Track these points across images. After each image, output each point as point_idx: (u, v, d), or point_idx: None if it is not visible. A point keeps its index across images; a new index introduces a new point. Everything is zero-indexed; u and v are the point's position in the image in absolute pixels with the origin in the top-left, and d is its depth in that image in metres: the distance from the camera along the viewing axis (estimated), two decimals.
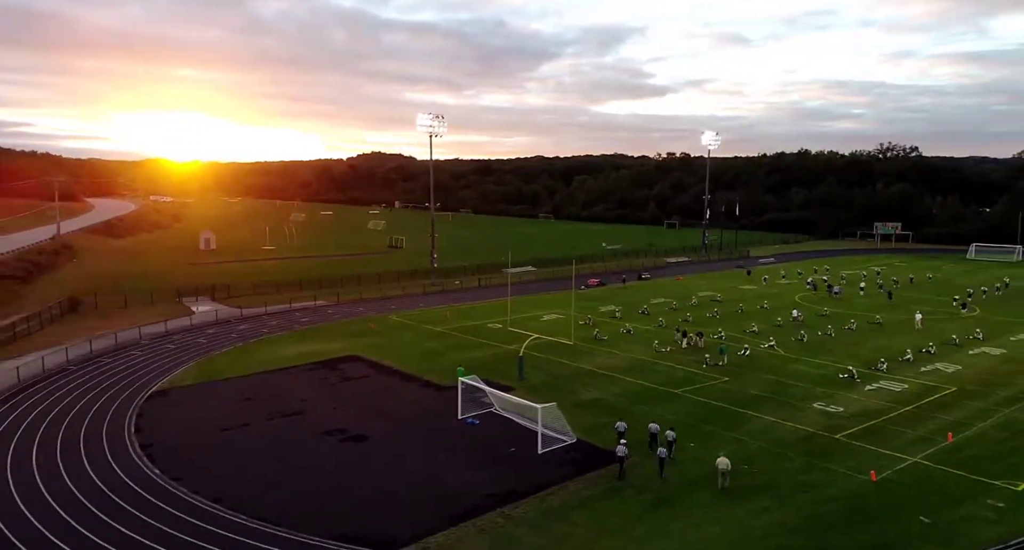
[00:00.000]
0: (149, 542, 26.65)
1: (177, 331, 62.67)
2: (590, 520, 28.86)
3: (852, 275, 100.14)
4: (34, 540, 26.83)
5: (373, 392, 46.35)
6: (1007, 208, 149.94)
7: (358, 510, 29.91)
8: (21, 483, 31.94)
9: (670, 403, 43.25)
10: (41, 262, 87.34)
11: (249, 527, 28.08)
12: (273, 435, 38.53)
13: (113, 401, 43.90)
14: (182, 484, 31.99)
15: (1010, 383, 48.13)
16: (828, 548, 26.61)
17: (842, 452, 35.90)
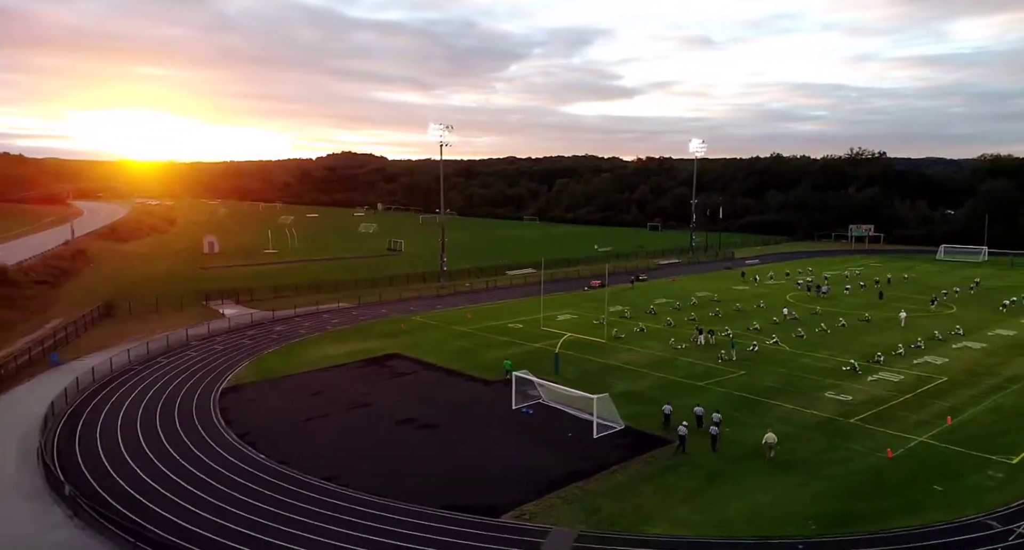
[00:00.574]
0: (292, 516, 30.69)
1: (219, 333, 66.03)
2: (656, 492, 33.57)
3: (835, 276, 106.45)
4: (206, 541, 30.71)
5: (426, 386, 50.56)
6: (972, 211, 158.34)
7: (453, 485, 34.28)
8: (149, 478, 35.66)
9: (698, 394, 48.06)
10: (65, 267, 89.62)
11: (365, 500, 32.27)
12: (353, 424, 42.66)
13: (191, 397, 47.51)
14: (290, 466, 36.01)
15: (993, 373, 53.99)
16: (859, 512, 31.58)
17: (858, 434, 41.11)
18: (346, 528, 29.68)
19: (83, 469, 35.55)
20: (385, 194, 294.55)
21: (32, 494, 32.81)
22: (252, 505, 31.67)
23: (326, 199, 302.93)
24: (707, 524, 30.57)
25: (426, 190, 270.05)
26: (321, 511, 31.12)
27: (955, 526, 30.09)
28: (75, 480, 33.75)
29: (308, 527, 29.63)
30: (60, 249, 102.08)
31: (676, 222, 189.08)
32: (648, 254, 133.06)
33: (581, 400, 42.98)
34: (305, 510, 31.22)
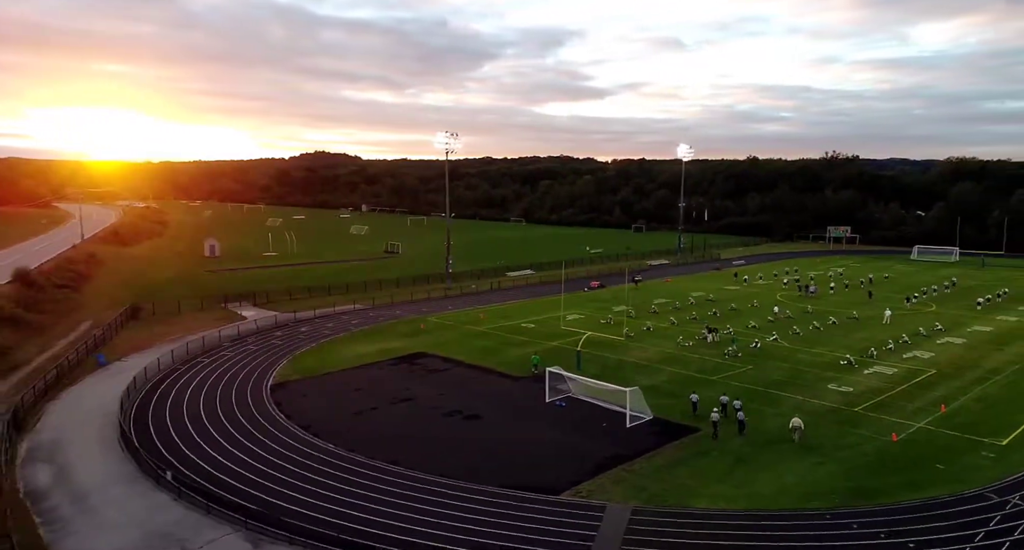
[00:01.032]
0: (372, 495, 34.15)
1: (248, 334, 68.83)
2: (693, 473, 37.59)
3: (819, 276, 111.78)
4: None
5: (460, 382, 54.12)
6: (943, 213, 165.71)
7: (509, 468, 37.96)
8: (229, 464, 38.82)
9: (713, 387, 52.17)
10: (82, 271, 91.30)
11: (433, 481, 35.86)
12: (403, 415, 46.14)
13: (244, 393, 50.56)
14: (357, 454, 39.42)
15: (976, 366, 59.01)
16: (873, 488, 35.85)
17: (863, 421, 45.57)
18: (423, 504, 33.27)
19: (169, 458, 38.52)
20: (369, 195, 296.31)
21: (130, 480, 35.84)
22: (336, 487, 35.07)
23: (308, 201, 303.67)
24: (742, 498, 34.63)
25: (411, 191, 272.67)
26: (396, 490, 34.66)
27: (958, 498, 34.47)
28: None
29: (389, 504, 33.16)
30: (72, 253, 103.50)
31: (658, 223, 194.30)
32: (637, 255, 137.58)
33: (612, 393, 46.90)
34: (382, 490, 34.75)
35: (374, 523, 31.41)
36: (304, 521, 31.12)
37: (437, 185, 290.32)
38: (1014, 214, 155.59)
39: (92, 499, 33.66)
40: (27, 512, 31.00)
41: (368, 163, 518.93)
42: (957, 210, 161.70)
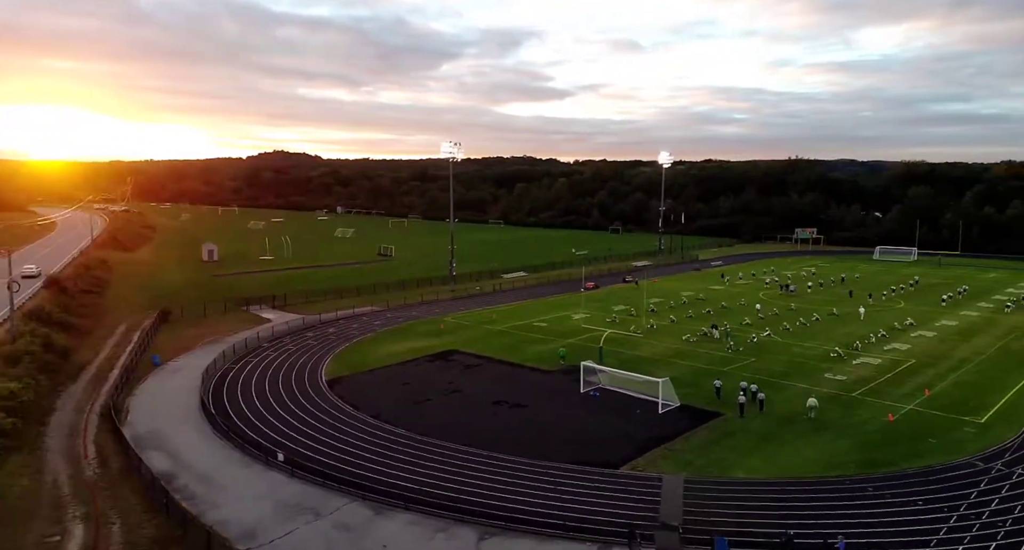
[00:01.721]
0: (461, 471, 39.33)
1: (281, 335, 72.96)
2: (726, 449, 43.59)
3: (795, 275, 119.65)
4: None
5: (497, 376, 59.43)
6: (901, 215, 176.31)
7: (567, 447, 43.46)
8: (320, 451, 43.55)
9: (725, 378, 58.35)
10: (99, 276, 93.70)
11: (509, 459, 41.17)
12: (457, 405, 51.33)
13: (304, 388, 55.10)
14: (430, 438, 44.52)
15: (949, 356, 66.48)
16: (880, 459, 42.25)
17: (860, 404, 52.23)
18: (509, 479, 38.62)
19: (264, 446, 43.09)
20: (344, 197, 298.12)
21: (242, 463, 40.46)
22: (424, 466, 40.18)
23: (281, 202, 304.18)
24: (773, 469, 40.72)
25: (389, 194, 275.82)
26: (480, 468, 39.95)
27: (951, 466, 41.11)
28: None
29: (478, 479, 38.42)
30: (83, 259, 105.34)
31: (635, 225, 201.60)
32: (620, 257, 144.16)
33: (642, 383, 52.74)
34: (468, 467, 40.02)
35: (470, 495, 36.57)
36: (394, 496, 36.22)
37: (410, 187, 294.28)
38: (964, 216, 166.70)
39: (217, 479, 38.20)
40: (165, 491, 35.38)
41: (340, 164, 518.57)
42: (913, 212, 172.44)
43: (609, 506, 35.68)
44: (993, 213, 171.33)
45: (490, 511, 34.80)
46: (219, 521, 33.00)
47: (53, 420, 46.17)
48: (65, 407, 48.95)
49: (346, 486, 37.06)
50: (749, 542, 31.71)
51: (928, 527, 33.55)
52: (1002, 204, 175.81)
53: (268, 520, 33.84)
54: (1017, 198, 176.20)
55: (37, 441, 42.10)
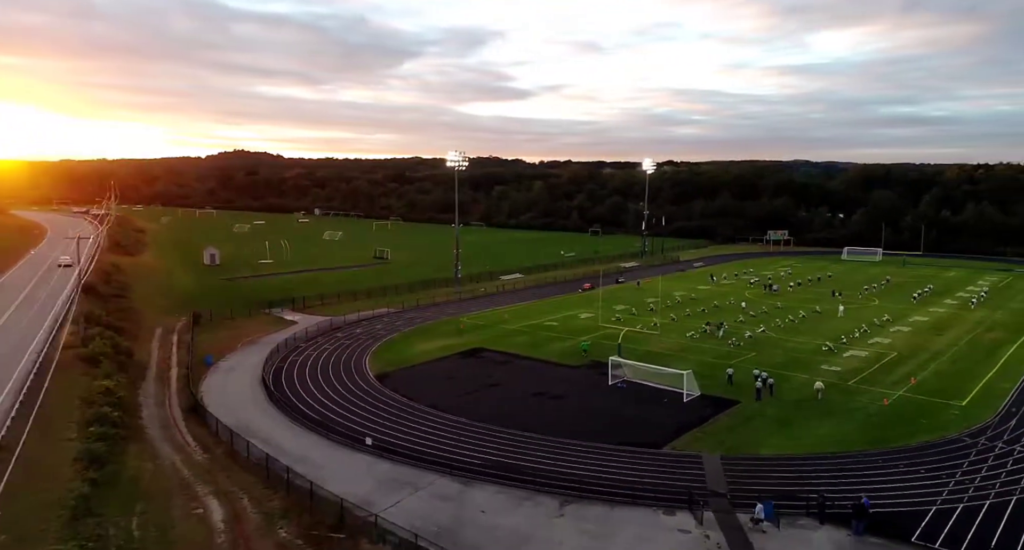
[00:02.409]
0: (529, 450, 44.76)
1: (314, 336, 77.22)
2: (750, 431, 49.79)
3: (774, 275, 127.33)
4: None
5: (529, 370, 64.90)
6: (866, 217, 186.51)
7: (610, 430, 49.20)
8: (401, 437, 48.58)
9: (733, 369, 64.71)
10: (123, 281, 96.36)
11: (564, 441, 46.72)
12: (501, 396, 56.75)
13: (356, 382, 59.92)
14: (488, 423, 49.88)
15: (926, 348, 73.97)
16: (883, 436, 48.75)
17: (857, 392, 59.02)
18: (569, 455, 44.22)
19: (346, 432, 47.96)
20: (321, 199, 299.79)
21: (330, 447, 45.36)
22: (495, 447, 45.55)
23: (257, 205, 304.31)
24: (796, 446, 47.02)
25: (368, 196, 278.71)
26: (542, 448, 45.47)
27: (943, 441, 47.90)
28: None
29: (542, 456, 43.93)
30: (101, 263, 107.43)
31: (613, 227, 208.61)
32: (606, 258, 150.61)
33: (664, 375, 58.70)
34: (530, 448, 45.51)
35: (541, 471, 42.04)
36: (476, 471, 41.61)
37: (388, 189, 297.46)
38: (923, 219, 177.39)
39: (312, 460, 43.02)
40: (286, 468, 40.07)
41: (311, 165, 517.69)
42: (877, 215, 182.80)
43: (662, 478, 41.53)
44: (949, 216, 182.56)
45: (563, 483, 40.34)
46: (334, 494, 37.89)
47: (144, 413, 50.30)
48: (147, 402, 53.04)
49: (432, 464, 42.27)
50: (788, 504, 37.78)
51: (933, 489, 40.10)
52: (957, 207, 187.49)
53: (375, 493, 38.88)
54: (971, 202, 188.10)
55: (141, 432, 46.31)
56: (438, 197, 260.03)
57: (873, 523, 35.58)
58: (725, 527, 36.07)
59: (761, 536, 35.18)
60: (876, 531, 35.24)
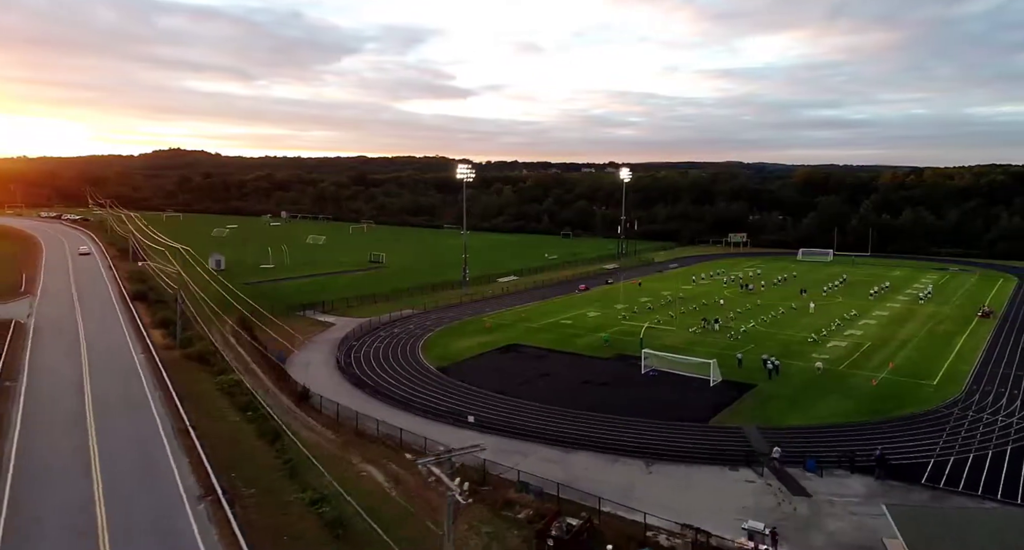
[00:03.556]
0: (595, 426, 54.25)
1: (360, 335, 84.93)
2: (772, 409, 60.39)
3: (745, 275, 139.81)
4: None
5: (568, 363, 74.27)
6: (815, 221, 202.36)
7: (659, 410, 59.07)
8: (496, 417, 57.40)
9: (742, 355, 75.39)
10: (157, 286, 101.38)
11: (620, 417, 56.36)
12: (554, 384, 65.99)
13: (423, 375, 68.20)
14: (555, 405, 59.14)
15: (893, 338, 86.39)
16: (877, 409, 59.98)
17: (848, 375, 70.43)
18: (634, 429, 53.87)
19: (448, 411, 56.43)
20: (286, 202, 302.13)
21: (435, 426, 53.79)
22: (572, 424, 54.86)
23: (220, 207, 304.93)
24: (810, 419, 57.77)
25: (335, 199, 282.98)
26: (610, 423, 55.00)
27: (927, 412, 59.45)
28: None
29: (616, 431, 53.47)
30: (124, 271, 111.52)
31: (582, 230, 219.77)
32: (586, 261, 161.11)
33: (689, 364, 68.91)
34: (603, 426, 54.99)
35: (619, 441, 51.57)
36: (570, 443, 50.97)
37: (354, 191, 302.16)
38: (866, 222, 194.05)
39: (430, 435, 51.34)
40: (424, 438, 48.45)
41: (271, 166, 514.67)
42: (826, 218, 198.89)
43: (716, 444, 51.63)
44: (889, 220, 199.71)
45: (640, 450, 49.97)
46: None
47: (264, 402, 57.75)
48: (259, 393, 60.37)
49: (530, 437, 51.38)
50: (826, 459, 48.28)
51: (927, 447, 51.29)
52: (895, 212, 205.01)
53: (494, 458, 47.68)
54: (907, 206, 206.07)
55: (271, 417, 53.87)
56: (408, 200, 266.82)
57: (890, 472, 46.38)
58: (780, 477, 46.35)
59: (809, 483, 45.57)
60: (893, 477, 46.04)
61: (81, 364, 66.84)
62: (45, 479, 42.34)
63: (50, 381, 61.80)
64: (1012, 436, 53.54)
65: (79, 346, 74.13)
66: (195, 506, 38.46)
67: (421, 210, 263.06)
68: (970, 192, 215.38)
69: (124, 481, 41.78)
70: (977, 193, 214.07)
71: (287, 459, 42.89)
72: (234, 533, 34.83)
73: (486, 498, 42.72)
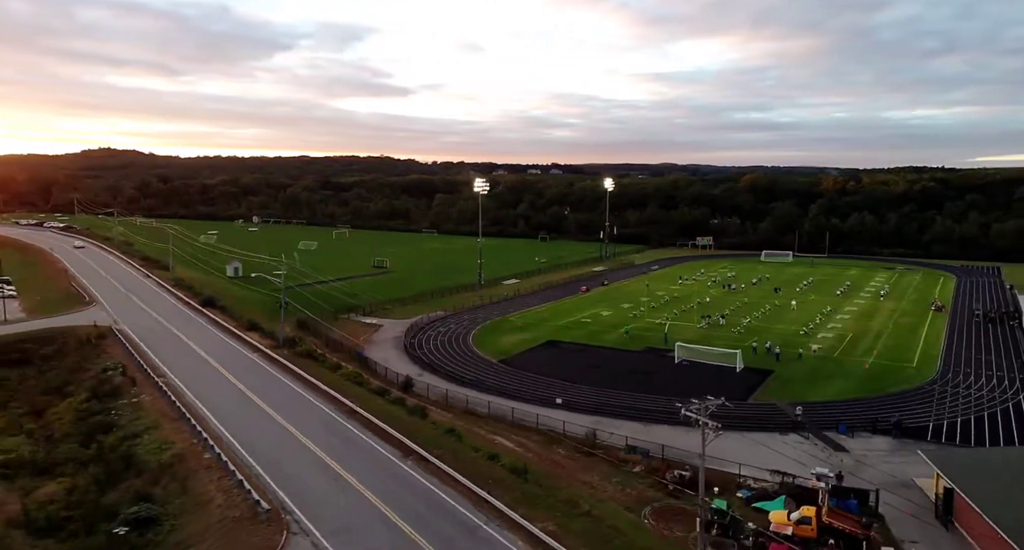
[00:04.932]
0: (657, 399, 66.24)
1: (413, 333, 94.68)
2: (793, 388, 73.36)
3: (722, 277, 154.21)
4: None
5: (608, 355, 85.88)
6: (772, 225, 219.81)
7: (703, 390, 71.16)
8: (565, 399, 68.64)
9: (748, 351, 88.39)
10: (210, 295, 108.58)
11: (671, 397, 68.36)
12: (607, 374, 77.44)
13: (489, 367, 78.75)
14: (618, 390, 70.72)
15: (869, 330, 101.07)
16: (876, 388, 73.63)
17: (844, 361, 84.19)
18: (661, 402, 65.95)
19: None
20: (256, 206, 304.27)
21: (531, 405, 64.66)
22: (643, 403, 66.58)
23: (188, 212, 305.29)
24: (825, 396, 70.96)
25: (309, 202, 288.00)
26: (667, 402, 66.94)
27: (916, 388, 73.46)
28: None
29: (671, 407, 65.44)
30: (163, 278, 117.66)
31: (557, 234, 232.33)
32: (573, 264, 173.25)
33: (716, 355, 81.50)
34: (659, 403, 66.85)
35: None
36: (648, 418, 62.77)
37: (324, 196, 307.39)
38: (818, 226, 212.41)
39: (528, 413, 62.20)
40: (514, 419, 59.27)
41: (212, 167, 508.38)
42: (782, 223, 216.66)
43: (762, 416, 64.17)
44: (838, 223, 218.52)
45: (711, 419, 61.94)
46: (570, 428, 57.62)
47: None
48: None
49: (613, 414, 62.92)
50: (855, 424, 61.26)
51: (924, 415, 64.97)
52: (842, 216, 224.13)
53: (600, 426, 59.04)
54: (852, 211, 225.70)
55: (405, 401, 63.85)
56: (383, 205, 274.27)
57: (905, 432, 59.68)
58: (821, 438, 59.10)
59: (844, 442, 58.41)
60: (907, 436, 59.33)
61: (210, 363, 74.74)
62: (281, 450, 51.78)
63: (196, 376, 69.91)
64: (986, 404, 67.86)
65: (190, 348, 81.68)
66: (405, 462, 48.71)
67: (396, 214, 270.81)
68: (905, 198, 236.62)
69: (339, 449, 51.67)
70: (911, 199, 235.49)
71: (449, 428, 53.31)
72: (453, 478, 45.33)
73: (603, 458, 54.13)
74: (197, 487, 45.50)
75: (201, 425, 55.19)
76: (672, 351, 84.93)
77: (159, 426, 55.41)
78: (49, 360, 75.80)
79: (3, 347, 77.79)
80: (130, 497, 44.08)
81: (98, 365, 72.01)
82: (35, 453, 52.51)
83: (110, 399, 62.34)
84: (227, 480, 45.95)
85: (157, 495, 44.86)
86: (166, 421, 56.61)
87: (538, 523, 40.97)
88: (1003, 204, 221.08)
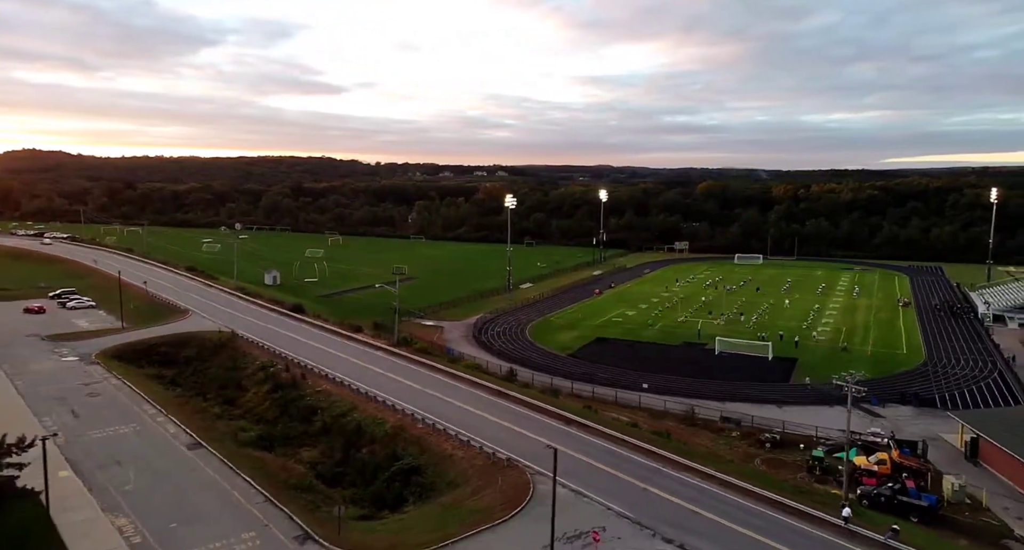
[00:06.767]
0: (713, 388, 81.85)
1: (476, 333, 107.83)
2: (819, 372, 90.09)
3: (712, 278, 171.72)
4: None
5: (655, 350, 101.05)
6: (742, 229, 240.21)
7: (748, 378, 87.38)
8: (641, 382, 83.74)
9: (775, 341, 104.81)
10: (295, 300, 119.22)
11: (728, 381, 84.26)
12: (665, 364, 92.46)
13: (557, 359, 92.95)
14: (682, 377, 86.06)
15: (856, 324, 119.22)
16: (883, 369, 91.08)
17: (851, 352, 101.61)
18: (748, 389, 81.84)
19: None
20: (236, 214, 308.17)
21: (624, 391, 79.20)
22: (711, 388, 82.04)
23: (166, 219, 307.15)
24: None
25: (291, 210, 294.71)
26: (727, 385, 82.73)
27: (911, 370, 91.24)
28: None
29: (733, 389, 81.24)
30: (223, 287, 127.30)
31: (541, 239, 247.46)
32: (571, 269, 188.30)
33: (748, 346, 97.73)
34: (723, 387, 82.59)
35: (751, 396, 79.23)
36: (722, 397, 78.36)
37: (302, 203, 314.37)
38: (780, 230, 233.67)
39: (626, 398, 76.72)
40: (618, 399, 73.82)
41: (169, 168, 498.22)
42: (747, 229, 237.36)
43: (804, 393, 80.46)
44: (798, 228, 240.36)
45: (769, 399, 77.90)
46: (670, 409, 72.48)
47: None
48: None
49: (694, 395, 78.16)
50: (884, 397, 78.02)
51: (927, 390, 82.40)
52: (800, 221, 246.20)
53: (684, 407, 74.04)
54: (809, 217, 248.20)
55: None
56: (367, 212, 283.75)
57: (922, 402, 76.81)
58: (861, 408, 75.66)
59: (879, 410, 75.07)
60: (923, 405, 76.46)
61: (352, 360, 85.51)
62: (471, 420, 64.57)
63: (350, 371, 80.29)
64: (973, 381, 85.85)
65: (321, 348, 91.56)
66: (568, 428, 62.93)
67: (379, 221, 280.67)
68: (853, 205, 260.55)
69: (518, 418, 65.25)
70: (858, 206, 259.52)
71: (586, 405, 67.45)
72: (621, 439, 59.56)
73: (703, 427, 69.26)
74: (434, 446, 58.05)
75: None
76: (706, 344, 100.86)
77: (357, 407, 67.25)
78: (193, 361, 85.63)
79: (144, 350, 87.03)
80: (383, 456, 56.46)
81: (251, 363, 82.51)
82: (273, 429, 63.79)
83: (291, 389, 73.40)
84: (455, 440, 58.54)
85: (404, 454, 57.25)
86: (361, 402, 68.48)
87: (699, 468, 55.55)
88: (938, 211, 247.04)
